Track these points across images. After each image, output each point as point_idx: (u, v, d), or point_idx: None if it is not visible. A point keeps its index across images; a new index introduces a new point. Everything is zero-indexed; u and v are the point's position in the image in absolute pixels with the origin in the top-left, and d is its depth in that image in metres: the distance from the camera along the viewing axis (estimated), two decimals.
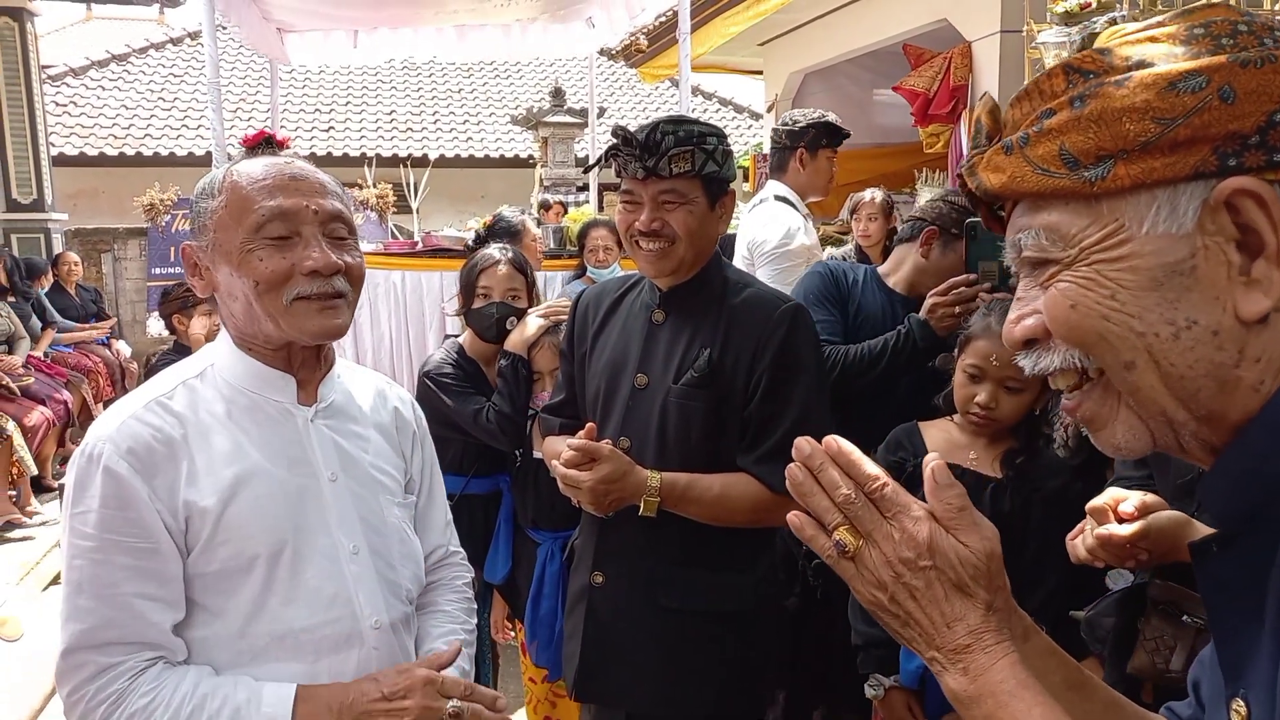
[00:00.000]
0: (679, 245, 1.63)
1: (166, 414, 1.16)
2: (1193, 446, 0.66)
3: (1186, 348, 0.61)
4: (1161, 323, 0.61)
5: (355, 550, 1.24)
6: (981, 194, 0.70)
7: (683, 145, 1.58)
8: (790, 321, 1.64)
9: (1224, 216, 0.59)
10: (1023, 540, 1.77)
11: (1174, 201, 0.60)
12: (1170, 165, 0.59)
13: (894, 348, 2.10)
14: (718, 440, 1.66)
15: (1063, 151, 0.63)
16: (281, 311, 1.17)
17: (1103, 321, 0.63)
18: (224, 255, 1.17)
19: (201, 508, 1.13)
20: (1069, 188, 0.63)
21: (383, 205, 6.50)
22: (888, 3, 5.93)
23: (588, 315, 1.84)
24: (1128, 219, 0.62)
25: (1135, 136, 0.60)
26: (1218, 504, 0.65)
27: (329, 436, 1.27)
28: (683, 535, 1.66)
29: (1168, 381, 0.62)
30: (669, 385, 1.66)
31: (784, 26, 7.22)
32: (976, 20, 5.09)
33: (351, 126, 13.81)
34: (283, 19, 5.43)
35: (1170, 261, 0.61)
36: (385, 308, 4.06)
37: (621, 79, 15.58)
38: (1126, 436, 0.67)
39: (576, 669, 1.79)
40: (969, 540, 0.71)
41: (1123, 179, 0.61)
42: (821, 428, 1.69)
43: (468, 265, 2.55)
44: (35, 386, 5.62)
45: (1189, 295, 0.60)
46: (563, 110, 5.87)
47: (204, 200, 1.20)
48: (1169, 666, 1.44)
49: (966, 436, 1.87)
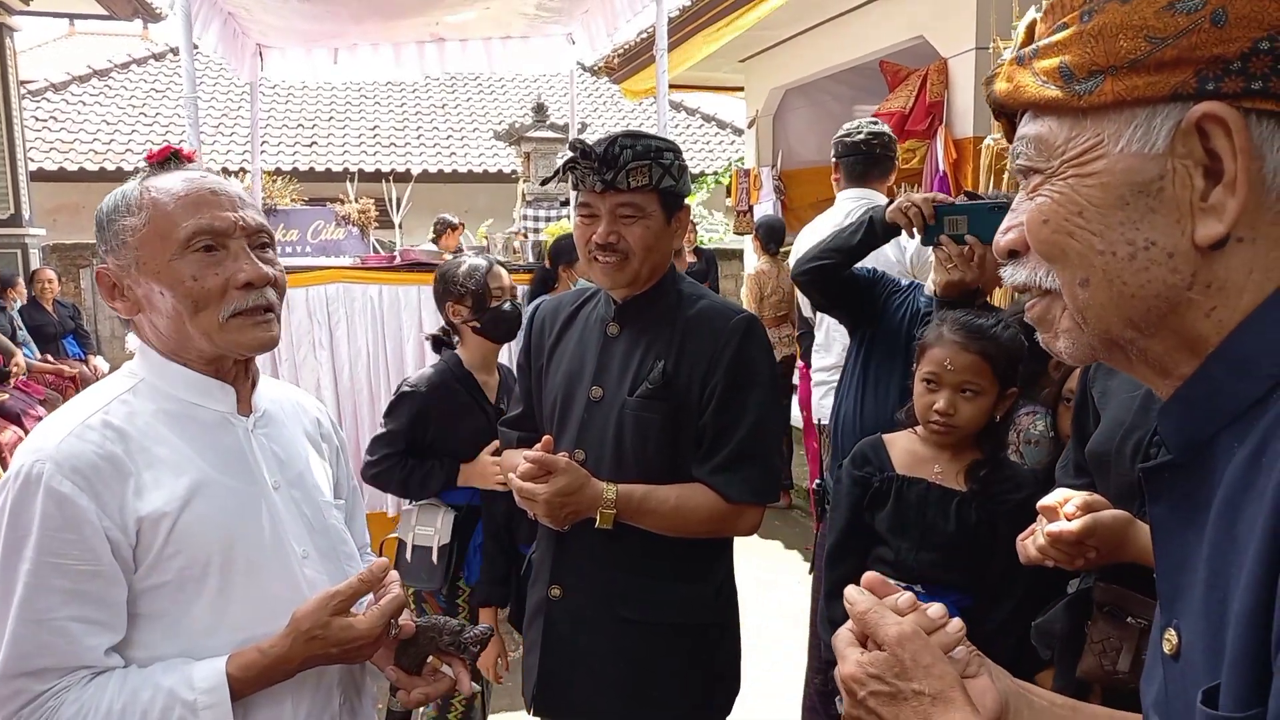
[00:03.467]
0: (634, 259, 1.64)
1: (107, 429, 1.13)
2: (1139, 364, 0.68)
3: (1141, 267, 0.63)
4: (1121, 242, 0.63)
5: (305, 555, 1.25)
6: (990, 102, 0.72)
7: (640, 159, 1.59)
8: (743, 333, 1.66)
9: (1194, 140, 0.60)
10: (990, 553, 1.77)
11: (1150, 121, 0.61)
12: (1152, 84, 0.60)
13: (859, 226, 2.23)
14: (673, 451, 1.66)
15: (1062, 64, 0.64)
16: (217, 328, 1.17)
17: (1067, 238, 0.65)
18: (150, 274, 1.15)
19: (154, 520, 1.11)
20: (1059, 100, 0.64)
21: (365, 220, 6.49)
22: (865, 20, 6.00)
23: (544, 328, 1.84)
24: (1107, 135, 0.63)
25: (1126, 53, 0.61)
26: (1173, 432, 0.67)
27: (268, 445, 1.27)
28: (640, 547, 1.65)
29: (1119, 301, 0.64)
30: (624, 397, 1.67)
31: (764, 43, 7.28)
32: (952, 37, 5.15)
33: (334, 141, 13.81)
34: (262, 37, 5.43)
35: (1139, 181, 0.62)
36: (362, 322, 4.05)
37: (605, 95, 15.66)
38: (1068, 345, 0.69)
39: (536, 683, 1.78)
40: (883, 636, 0.73)
41: (1107, 95, 0.62)
42: (774, 437, 1.73)
43: (466, 277, 2.55)
44: (10, 403, 5.57)
45: (1151, 216, 0.62)
46: (545, 126, 5.87)
47: (121, 218, 1.17)
48: (1116, 668, 1.46)
49: (930, 449, 1.86)
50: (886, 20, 5.75)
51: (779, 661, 3.69)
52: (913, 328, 2.24)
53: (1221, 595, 0.59)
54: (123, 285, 1.18)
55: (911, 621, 0.73)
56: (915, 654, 0.71)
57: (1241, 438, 0.61)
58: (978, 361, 1.78)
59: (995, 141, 3.94)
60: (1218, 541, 0.60)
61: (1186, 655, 0.63)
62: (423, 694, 1.29)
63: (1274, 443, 0.57)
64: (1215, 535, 0.60)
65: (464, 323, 2.58)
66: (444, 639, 1.31)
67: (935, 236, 2.01)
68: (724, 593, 1.78)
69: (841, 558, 1.91)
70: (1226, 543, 0.59)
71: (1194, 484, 0.64)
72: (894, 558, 1.82)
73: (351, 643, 1.16)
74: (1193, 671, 0.61)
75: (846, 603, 0.76)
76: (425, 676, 1.32)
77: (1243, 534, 0.57)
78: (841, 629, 0.77)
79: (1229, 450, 0.61)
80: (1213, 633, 0.59)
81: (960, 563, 1.79)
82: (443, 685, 1.32)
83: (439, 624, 1.32)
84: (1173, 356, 0.66)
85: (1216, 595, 0.59)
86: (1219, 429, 0.63)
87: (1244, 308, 0.62)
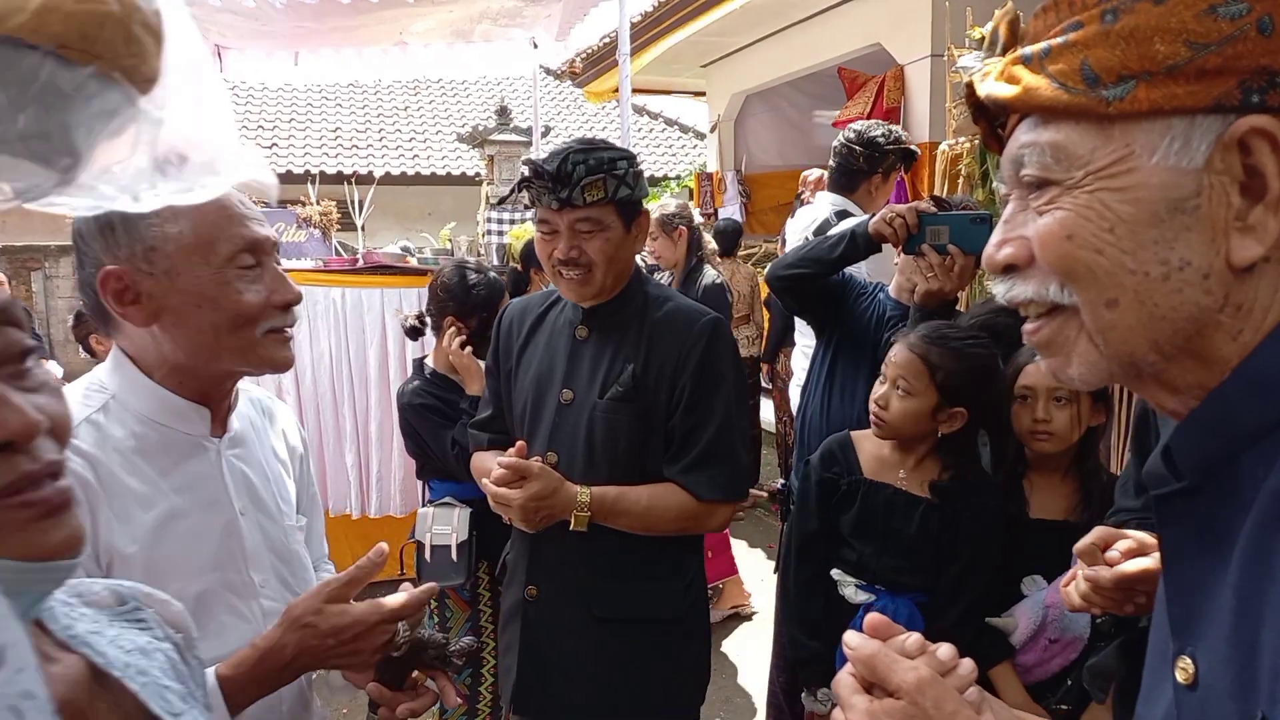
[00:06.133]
0: (597, 271, 1.65)
1: (76, 455, 1.05)
2: (1152, 385, 0.65)
3: (1174, 289, 0.59)
4: (1154, 262, 0.59)
5: (263, 584, 1.21)
6: (991, 104, 0.66)
7: (594, 174, 1.58)
8: (710, 334, 1.68)
9: (1234, 156, 0.57)
10: (952, 555, 1.80)
11: (1189, 133, 0.57)
12: (1193, 93, 0.56)
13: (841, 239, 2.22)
14: (643, 452, 1.69)
15: (1084, 67, 0.59)
16: (253, 344, 1.14)
17: (1095, 255, 0.60)
18: (189, 284, 1.10)
19: (124, 555, 1.07)
20: (1084, 105, 0.60)
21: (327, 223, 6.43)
22: (823, 27, 6.10)
23: (512, 331, 1.85)
24: (1139, 146, 0.59)
25: (1164, 59, 0.57)
26: (1190, 454, 0.63)
27: (238, 468, 1.23)
28: (613, 546, 1.68)
29: (1148, 323, 0.60)
30: (595, 400, 1.69)
31: (725, 49, 7.37)
32: (908, 44, 5.26)
33: (295, 144, 13.64)
34: (221, 38, 5.38)
35: (1175, 197, 0.58)
36: (325, 325, 4.03)
37: (567, 98, 15.66)
38: (1082, 369, 0.65)
39: (514, 684, 1.80)
40: (898, 683, 0.65)
41: (1141, 102, 0.58)
42: (741, 436, 1.76)
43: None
44: None
45: (1187, 235, 0.58)
46: (509, 129, 5.88)
47: (157, 224, 1.09)
48: None
49: (896, 455, 1.88)
50: (844, 28, 5.85)
51: (743, 659, 3.74)
52: (879, 330, 2.29)
53: (1254, 624, 0.56)
54: (141, 292, 1.10)
55: (928, 667, 0.67)
56: (937, 701, 0.65)
57: (1268, 463, 0.57)
58: (915, 361, 1.79)
59: (950, 147, 4.03)
60: (1249, 571, 0.57)
61: (1207, 684, 0.60)
62: (407, 709, 1.21)
63: None
64: (1246, 562, 0.57)
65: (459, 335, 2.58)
66: (429, 653, 1.25)
67: (917, 246, 2.01)
68: (695, 587, 1.82)
69: (808, 557, 1.93)
70: (1258, 572, 0.56)
71: (1214, 509, 0.61)
72: (856, 559, 1.85)
73: (347, 630, 1.08)
74: (1217, 701, 0.58)
75: (847, 648, 0.70)
76: (407, 691, 1.25)
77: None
78: (842, 675, 0.70)
79: (1253, 475, 0.58)
80: (1243, 662, 0.56)
81: (921, 566, 1.82)
82: (427, 700, 1.25)
83: (423, 638, 1.27)
84: (1188, 378, 0.62)
85: (1248, 624, 0.56)
86: (1239, 451, 0.60)
87: (1266, 329, 0.59)
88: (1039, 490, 1.87)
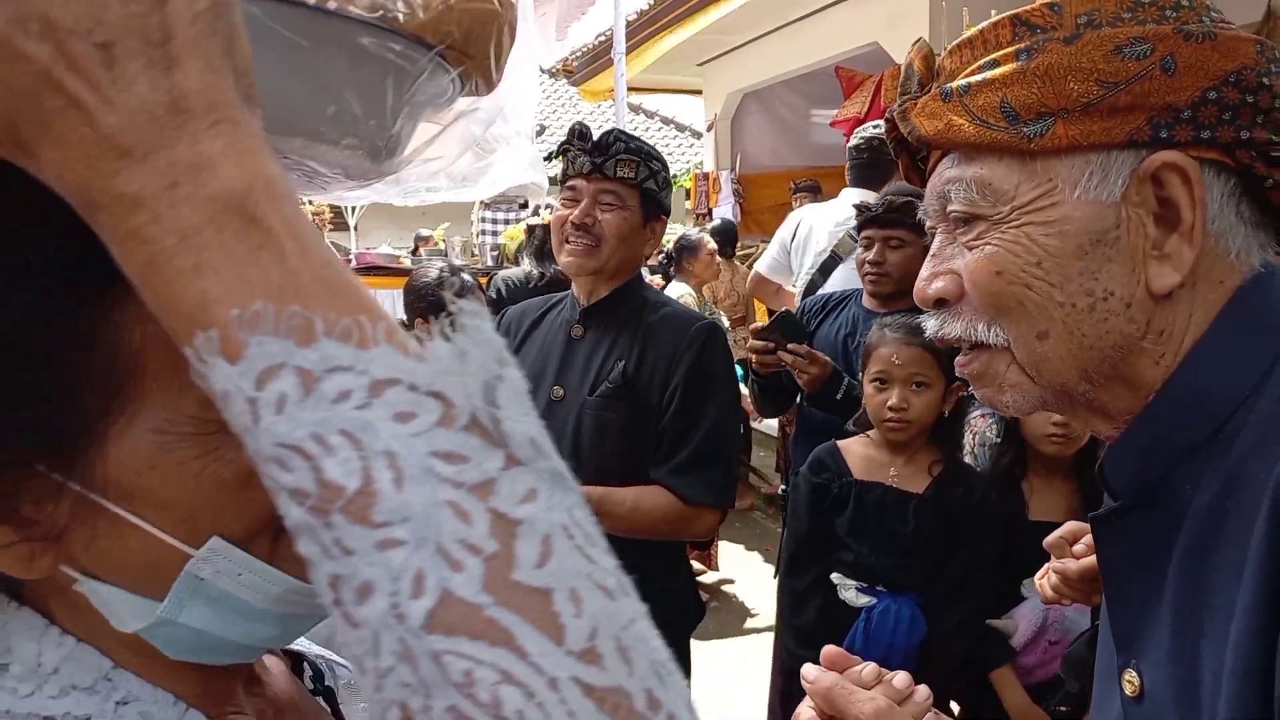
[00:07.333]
0: (605, 246, 1.69)
1: None
2: (1084, 412, 0.67)
3: (1100, 319, 0.61)
4: (1081, 293, 0.61)
5: None
6: (914, 140, 0.68)
7: (631, 154, 1.68)
8: (704, 339, 1.70)
9: (1148, 188, 0.60)
10: (948, 554, 1.79)
11: (1106, 168, 0.60)
12: (1107, 130, 0.59)
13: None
14: (631, 452, 1.68)
15: (1004, 104, 0.62)
16: None
17: (1025, 290, 0.62)
18: None
19: None
20: (1006, 141, 0.62)
21: (319, 223, 6.39)
22: (821, 26, 6.07)
23: (510, 333, 1.88)
24: (1061, 180, 0.61)
25: (1078, 96, 0.59)
26: (1122, 475, 0.65)
27: None
28: None
29: (1078, 352, 0.63)
30: (585, 397, 1.69)
31: (722, 47, 7.34)
32: (906, 43, 5.18)
33: None
34: None
35: (1097, 229, 0.61)
36: None
37: (563, 97, 15.63)
38: (1015, 398, 0.67)
39: None
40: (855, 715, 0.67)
41: (1060, 138, 0.60)
42: (731, 442, 1.75)
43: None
44: None
45: (1109, 266, 0.61)
46: None
47: None
48: None
49: (886, 454, 1.87)
50: (842, 26, 5.83)
51: (742, 664, 3.71)
52: (852, 336, 2.30)
53: (1194, 638, 0.57)
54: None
55: (885, 696, 0.68)
56: None
57: (1194, 481, 0.60)
58: (922, 354, 1.80)
59: None
60: (1184, 586, 0.59)
61: (1152, 697, 0.62)
62: None
63: (1241, 490, 0.57)
64: (1180, 579, 0.60)
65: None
66: None
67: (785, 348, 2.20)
68: (686, 591, 1.81)
69: (803, 564, 1.92)
70: (1193, 587, 0.58)
71: (1148, 527, 0.63)
72: (854, 560, 1.83)
73: None
74: (1162, 714, 0.60)
75: (805, 682, 0.71)
76: None
77: (1215, 579, 0.57)
78: (802, 708, 0.71)
79: (1182, 493, 0.61)
80: (1184, 675, 0.58)
81: (919, 563, 1.81)
82: None
83: None
84: (1118, 403, 0.65)
85: (1187, 639, 0.58)
86: (1168, 470, 0.62)
87: (1184, 350, 0.62)
88: (1039, 492, 1.86)
